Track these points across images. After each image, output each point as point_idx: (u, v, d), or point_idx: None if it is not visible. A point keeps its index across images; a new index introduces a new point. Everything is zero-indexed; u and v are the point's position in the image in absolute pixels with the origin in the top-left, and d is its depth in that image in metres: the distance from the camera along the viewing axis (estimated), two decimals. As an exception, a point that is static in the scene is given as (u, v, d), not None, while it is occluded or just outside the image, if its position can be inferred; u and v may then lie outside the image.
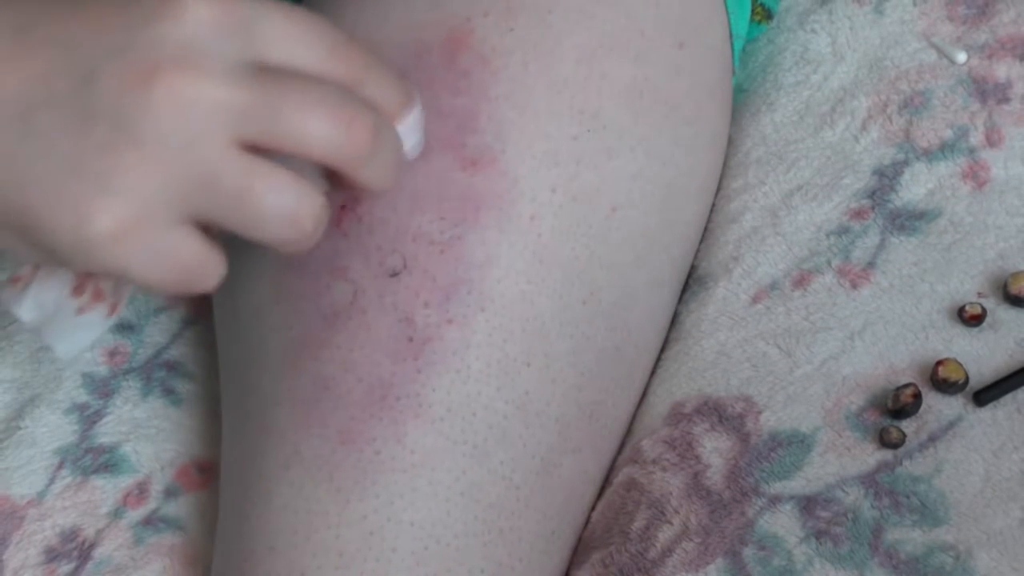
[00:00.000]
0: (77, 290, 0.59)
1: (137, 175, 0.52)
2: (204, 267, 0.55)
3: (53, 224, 0.53)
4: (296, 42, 0.55)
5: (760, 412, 0.67)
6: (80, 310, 0.59)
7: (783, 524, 0.64)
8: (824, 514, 0.63)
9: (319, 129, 0.54)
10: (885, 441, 0.65)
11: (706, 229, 0.74)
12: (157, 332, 0.77)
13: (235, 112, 0.53)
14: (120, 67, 0.52)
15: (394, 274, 0.63)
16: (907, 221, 0.71)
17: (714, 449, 0.66)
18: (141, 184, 0.52)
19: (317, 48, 0.55)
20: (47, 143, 0.53)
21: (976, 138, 0.73)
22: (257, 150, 0.54)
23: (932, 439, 0.65)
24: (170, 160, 0.53)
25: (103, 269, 0.54)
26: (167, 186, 0.53)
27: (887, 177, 0.73)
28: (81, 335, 0.59)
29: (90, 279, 0.59)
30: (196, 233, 0.55)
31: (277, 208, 0.54)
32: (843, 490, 0.64)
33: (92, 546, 0.72)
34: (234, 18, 0.53)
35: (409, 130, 0.59)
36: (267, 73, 0.54)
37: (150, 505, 0.73)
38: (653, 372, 0.71)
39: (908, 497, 0.63)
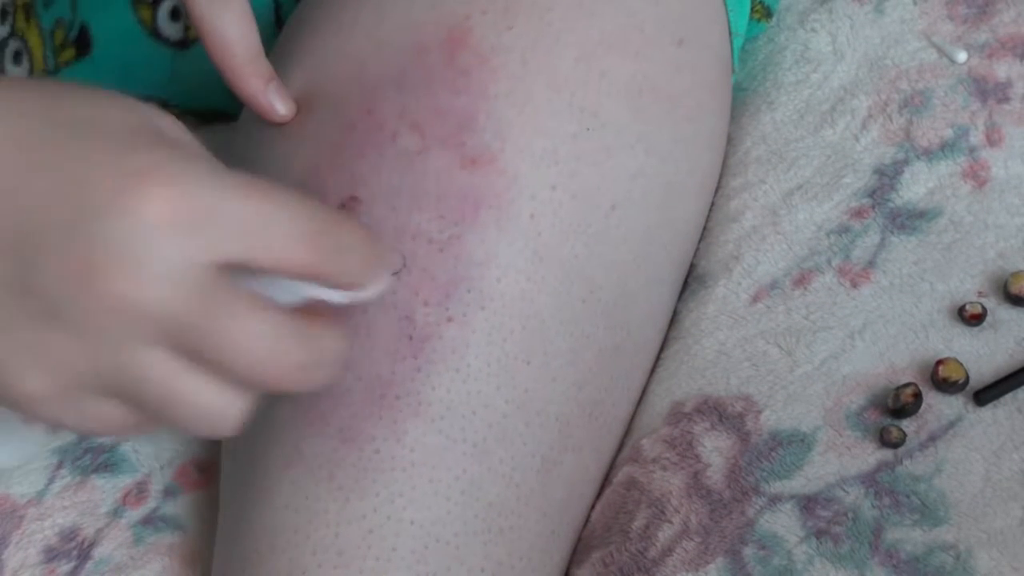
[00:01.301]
0: None
1: (64, 357, 0.51)
2: (143, 427, 0.54)
3: None
4: (261, 234, 0.52)
5: (760, 411, 0.67)
6: (27, 419, 0.57)
7: (783, 523, 0.64)
8: (824, 513, 0.63)
9: (245, 361, 0.52)
10: (885, 440, 0.64)
11: (706, 228, 0.74)
12: (157, 331, 0.77)
13: (167, 323, 0.51)
14: (62, 254, 0.50)
15: (394, 273, 0.63)
16: (907, 220, 0.71)
17: (714, 448, 0.66)
18: (67, 365, 0.51)
19: (286, 236, 0.52)
20: None
21: (976, 137, 0.73)
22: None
23: (932, 439, 0.65)
24: (97, 354, 0.51)
25: (42, 420, 0.53)
26: (92, 373, 0.52)
27: (887, 176, 0.73)
28: (26, 447, 0.58)
29: None
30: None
31: (198, 413, 0.53)
32: (843, 489, 0.64)
33: (92, 545, 0.72)
34: (192, 216, 0.51)
35: (371, 295, 0.56)
36: (214, 285, 0.51)
37: (149, 504, 0.73)
38: (653, 371, 0.71)
39: (908, 497, 0.63)
